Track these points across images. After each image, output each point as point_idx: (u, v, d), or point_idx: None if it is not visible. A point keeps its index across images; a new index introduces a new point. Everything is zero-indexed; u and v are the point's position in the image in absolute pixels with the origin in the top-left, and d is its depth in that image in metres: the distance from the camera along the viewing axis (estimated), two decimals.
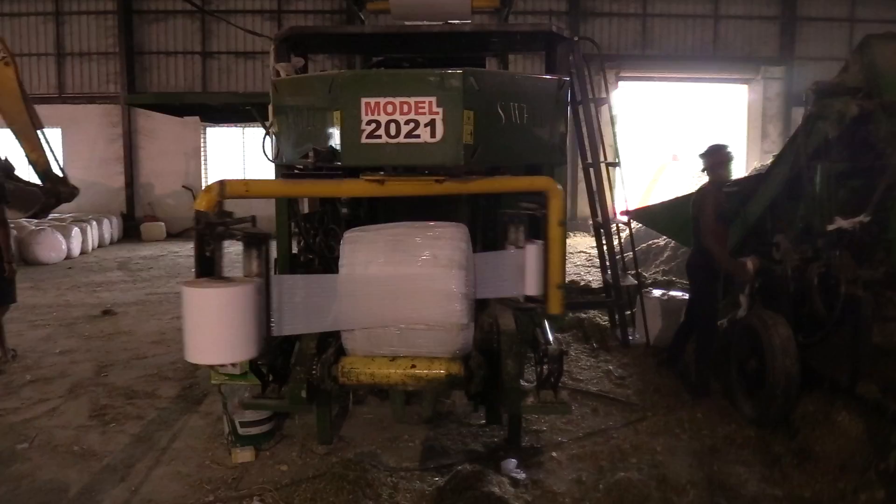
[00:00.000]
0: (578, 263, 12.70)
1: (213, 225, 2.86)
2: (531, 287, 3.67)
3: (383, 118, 3.11)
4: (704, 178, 5.52)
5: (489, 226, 4.67)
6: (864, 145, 4.74)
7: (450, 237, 3.40)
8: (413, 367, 3.26)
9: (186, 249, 15.32)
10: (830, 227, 4.51)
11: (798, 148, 5.15)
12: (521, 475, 4.10)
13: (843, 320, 4.48)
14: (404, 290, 3.28)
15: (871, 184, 4.59)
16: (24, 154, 8.37)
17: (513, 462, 4.22)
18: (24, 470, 4.26)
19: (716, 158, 5.38)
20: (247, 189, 3.14)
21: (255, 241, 3.04)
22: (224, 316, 2.77)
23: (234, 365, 3.39)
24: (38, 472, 4.22)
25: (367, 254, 3.37)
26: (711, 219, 5.25)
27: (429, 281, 3.27)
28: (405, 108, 3.11)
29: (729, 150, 5.46)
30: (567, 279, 4.02)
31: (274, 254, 4.77)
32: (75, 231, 14.22)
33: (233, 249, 3.06)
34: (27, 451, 4.53)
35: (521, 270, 3.66)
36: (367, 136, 3.13)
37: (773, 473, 4.13)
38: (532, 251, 3.63)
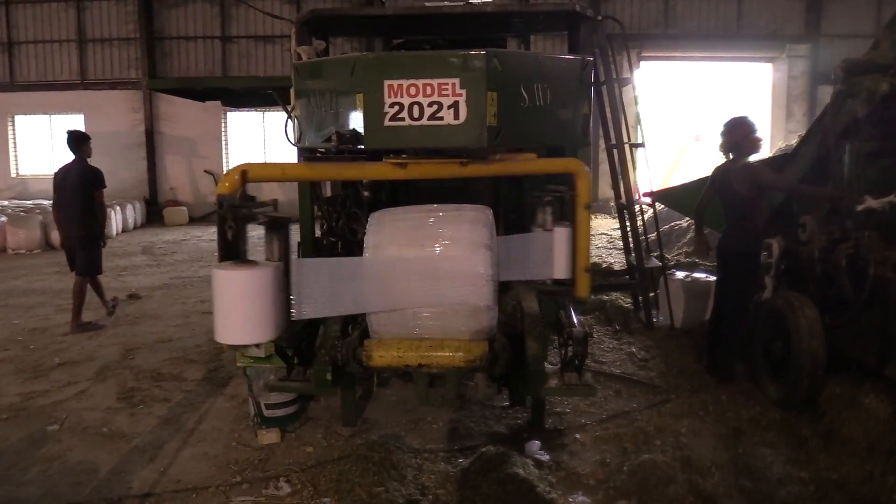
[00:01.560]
0: (601, 245, 12.63)
1: (235, 208, 2.89)
2: (559, 270, 3.71)
3: (406, 100, 3.10)
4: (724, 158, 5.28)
5: (512, 209, 4.65)
6: (895, 124, 4.65)
7: (474, 219, 3.40)
8: (438, 348, 3.26)
9: (209, 234, 15.45)
10: (860, 207, 4.43)
11: (826, 127, 5.05)
12: (545, 457, 4.11)
13: (872, 302, 4.42)
14: (428, 271, 3.28)
15: None
16: None
17: (536, 444, 4.22)
18: (56, 451, 4.34)
19: (740, 132, 5.11)
20: (266, 173, 3.42)
21: (275, 226, 3.06)
22: (246, 298, 2.86)
23: (258, 346, 3.43)
24: (68, 454, 4.30)
25: (391, 235, 3.38)
26: (772, 175, 5.12)
27: (453, 262, 3.27)
28: (428, 90, 3.09)
29: (751, 120, 5.17)
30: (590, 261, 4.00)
31: (297, 237, 4.83)
32: None
33: (255, 234, 3.08)
34: (58, 432, 4.61)
35: (548, 253, 3.69)
36: (391, 119, 3.12)
37: (798, 456, 4.10)
38: (560, 234, 3.66)
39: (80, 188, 6.99)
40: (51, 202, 14.72)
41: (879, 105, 4.61)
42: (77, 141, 7.14)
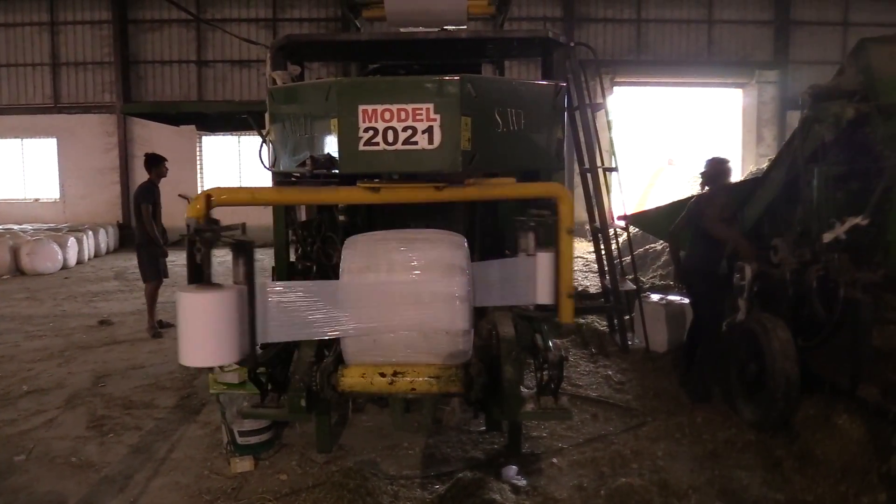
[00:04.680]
0: (576, 269, 12.67)
1: (200, 231, 2.85)
2: (542, 295, 3.60)
3: (381, 125, 3.11)
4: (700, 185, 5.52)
5: (487, 233, 4.67)
6: (861, 148, 4.74)
7: (449, 243, 3.40)
8: (413, 373, 3.25)
9: (182, 258, 15.26)
10: (828, 238, 4.52)
11: (795, 151, 5.16)
12: (522, 482, 4.08)
13: (843, 323, 4.48)
14: (403, 295, 3.27)
15: (868, 186, 4.60)
16: None
17: (513, 469, 4.20)
18: (22, 482, 4.22)
19: (716, 170, 5.44)
20: (233, 197, 3.23)
21: (240, 249, 2.99)
22: (210, 320, 2.80)
23: (222, 368, 3.38)
24: (35, 484, 4.19)
25: (366, 259, 3.36)
26: (717, 210, 5.24)
27: (429, 286, 3.26)
28: (402, 115, 3.10)
29: (729, 163, 5.52)
30: None
31: (270, 262, 4.80)
32: (71, 241, 14.16)
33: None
34: (25, 462, 4.50)
35: (531, 278, 3.60)
36: (365, 144, 3.12)
37: (774, 477, 4.12)
38: (543, 259, 3.57)
39: (136, 204, 8.12)
40: (21, 227, 14.72)
41: (846, 130, 4.70)
42: (147, 162, 8.29)
